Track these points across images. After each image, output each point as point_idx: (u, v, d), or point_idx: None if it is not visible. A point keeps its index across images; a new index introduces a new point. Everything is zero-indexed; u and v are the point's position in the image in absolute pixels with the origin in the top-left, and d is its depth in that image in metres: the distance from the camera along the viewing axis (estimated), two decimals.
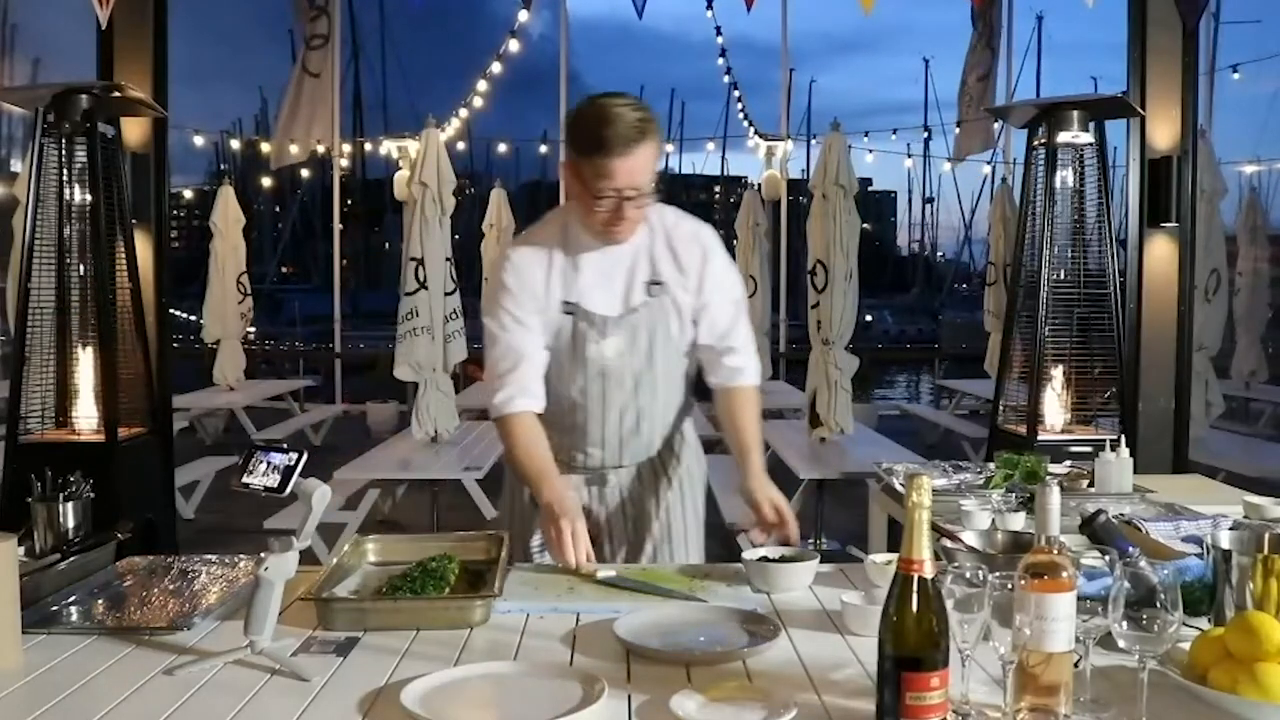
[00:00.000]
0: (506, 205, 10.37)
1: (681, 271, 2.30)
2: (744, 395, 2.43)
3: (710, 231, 2.37)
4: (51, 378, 4.56)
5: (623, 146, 2.10)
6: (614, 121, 2.10)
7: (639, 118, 2.12)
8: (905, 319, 37.32)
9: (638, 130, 2.11)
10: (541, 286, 2.27)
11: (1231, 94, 16.61)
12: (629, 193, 2.14)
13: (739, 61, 13.16)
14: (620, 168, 2.11)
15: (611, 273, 2.29)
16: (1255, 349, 9.56)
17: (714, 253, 2.34)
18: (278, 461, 1.81)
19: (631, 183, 2.13)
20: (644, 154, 2.13)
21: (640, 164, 2.12)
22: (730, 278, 2.39)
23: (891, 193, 57.85)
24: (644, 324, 2.30)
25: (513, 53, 11.07)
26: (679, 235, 2.31)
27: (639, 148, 2.11)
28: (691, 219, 2.37)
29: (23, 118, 13.68)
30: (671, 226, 2.32)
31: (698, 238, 2.33)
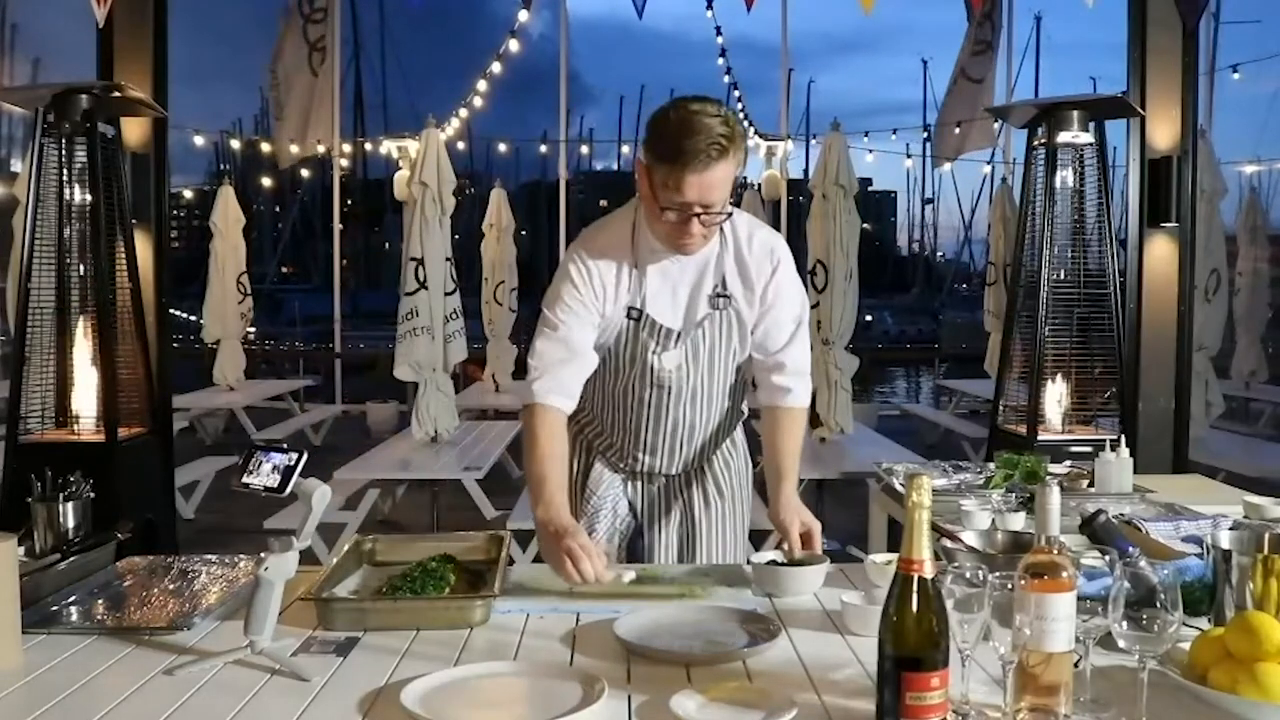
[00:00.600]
0: (506, 205, 10.37)
1: (748, 285, 2.22)
2: (789, 418, 2.34)
3: (783, 244, 2.28)
4: (51, 378, 4.56)
5: (701, 162, 1.98)
6: (696, 133, 1.98)
7: (723, 132, 1.99)
8: (905, 319, 37.30)
9: (719, 147, 1.98)
10: (609, 288, 2.19)
11: (1231, 94, 16.61)
12: (697, 209, 2.03)
13: (739, 61, 13.15)
14: (694, 183, 2.00)
15: (679, 281, 2.21)
16: (1255, 349, 9.57)
17: (784, 266, 2.25)
18: (278, 461, 1.81)
19: (704, 199, 2.02)
20: (721, 171, 2.01)
21: (716, 181, 2.01)
22: (795, 293, 2.28)
23: (891, 193, 57.82)
24: (705, 337, 2.24)
25: (513, 53, 11.07)
26: (752, 248, 2.21)
27: (718, 165, 2.00)
28: (766, 230, 2.27)
29: (23, 118, 13.68)
30: (745, 238, 2.21)
31: (770, 251, 2.23)
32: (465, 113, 11.40)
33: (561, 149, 13.90)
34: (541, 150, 20.31)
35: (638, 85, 71.10)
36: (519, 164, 33.11)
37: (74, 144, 4.50)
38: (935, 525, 1.86)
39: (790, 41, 13.36)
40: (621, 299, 2.20)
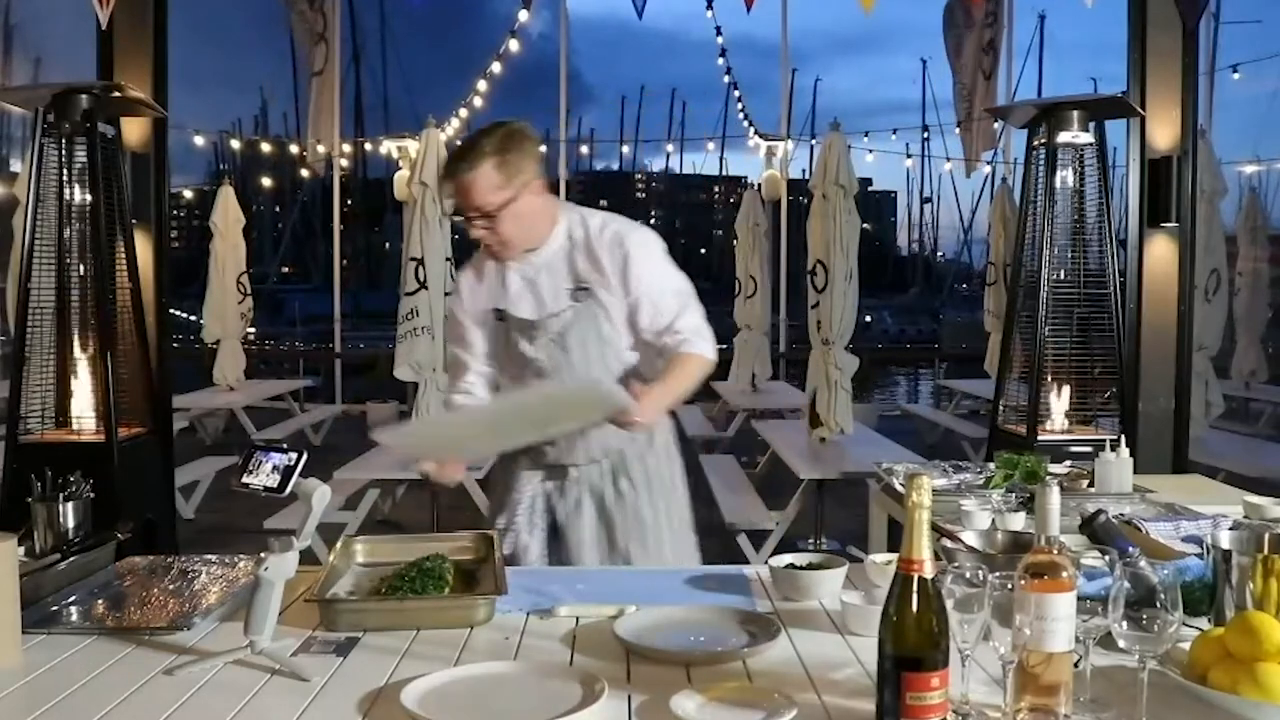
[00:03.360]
0: None
1: (603, 275, 2.41)
2: (679, 358, 2.44)
3: (637, 233, 2.46)
4: (51, 378, 4.56)
5: (451, 171, 2.35)
6: (458, 149, 2.38)
7: (475, 144, 2.34)
8: (905, 319, 37.31)
9: (467, 158, 2.32)
10: (475, 301, 2.53)
11: (1231, 94, 16.63)
12: (469, 213, 2.35)
13: (739, 61, 13.14)
14: (453, 190, 2.35)
15: (535, 279, 2.45)
16: (1255, 349, 9.56)
17: (637, 253, 2.42)
18: (278, 461, 1.81)
19: (468, 204, 2.34)
20: (472, 178, 2.31)
21: (468, 187, 2.32)
22: (659, 271, 2.45)
23: (891, 193, 57.85)
24: (571, 327, 2.42)
25: (513, 52, 11.07)
26: (599, 241, 2.42)
27: (468, 173, 2.31)
28: (619, 222, 2.47)
29: (23, 118, 13.68)
30: (594, 233, 2.43)
31: (618, 241, 2.42)
32: (465, 113, 11.39)
33: (561, 149, 13.89)
34: (541, 150, 20.33)
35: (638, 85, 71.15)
36: None
37: (74, 144, 4.50)
38: (935, 525, 1.86)
39: (790, 41, 13.37)
40: (486, 305, 2.51)
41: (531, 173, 2.38)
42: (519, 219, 2.37)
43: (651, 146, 79.84)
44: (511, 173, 2.34)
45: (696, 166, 58.65)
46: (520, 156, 2.36)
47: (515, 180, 2.34)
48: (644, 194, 55.72)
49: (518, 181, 2.35)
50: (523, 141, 2.38)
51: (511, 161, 2.34)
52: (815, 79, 44.32)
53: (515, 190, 2.34)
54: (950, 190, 49.46)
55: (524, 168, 2.36)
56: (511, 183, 2.34)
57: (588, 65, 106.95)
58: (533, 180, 2.38)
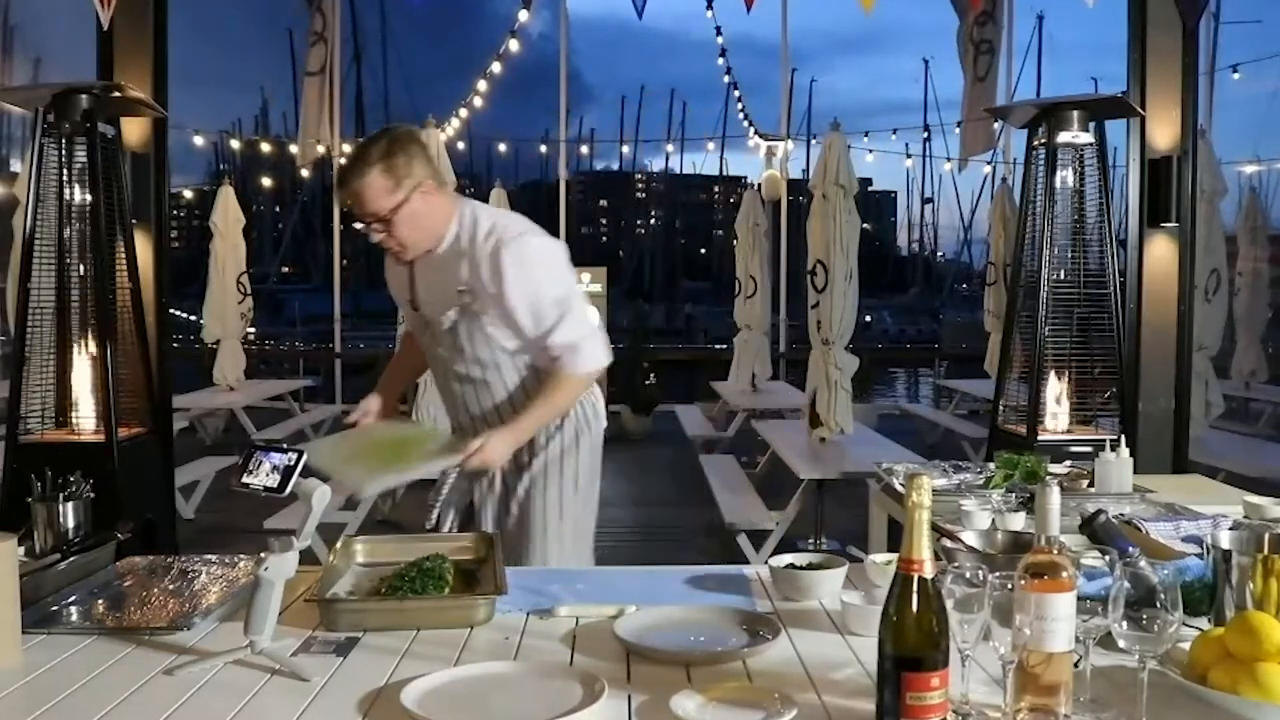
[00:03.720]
0: (506, 205, 10.37)
1: (480, 282, 2.48)
2: (551, 376, 2.56)
3: (516, 244, 2.47)
4: (51, 378, 4.55)
5: (341, 179, 2.45)
6: (347, 158, 2.49)
7: (358, 156, 2.42)
8: (905, 319, 37.33)
9: (349, 166, 2.42)
10: (395, 289, 2.73)
11: (1231, 94, 16.63)
12: (364, 219, 2.44)
13: (739, 61, 13.14)
14: (347, 198, 2.44)
15: (433, 281, 2.58)
16: (1255, 349, 9.56)
17: (510, 265, 2.45)
18: (278, 461, 1.81)
19: (362, 211, 2.43)
20: (362, 185, 2.39)
21: (356, 194, 2.40)
22: (536, 280, 2.48)
23: (891, 193, 57.87)
24: (459, 324, 2.53)
25: (513, 52, 11.08)
26: (480, 249, 2.48)
27: (356, 180, 2.39)
28: (505, 229, 2.50)
29: (23, 118, 13.68)
30: (478, 240, 2.49)
31: (495, 251, 2.46)
32: (465, 113, 11.40)
33: (561, 149, 13.87)
34: (541, 150, 20.34)
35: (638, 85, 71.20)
36: (519, 164, 33.20)
37: (74, 144, 4.50)
38: (935, 525, 1.86)
39: (790, 41, 13.36)
40: (402, 292, 2.68)
41: (422, 174, 2.43)
42: (413, 222, 2.44)
43: (651, 146, 79.80)
44: (400, 176, 2.40)
45: (696, 166, 58.68)
46: (407, 160, 2.42)
47: (405, 184, 2.40)
48: (644, 194, 55.70)
49: (407, 184, 2.40)
50: (409, 145, 2.44)
51: (398, 166, 2.40)
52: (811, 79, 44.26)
53: (405, 193, 2.40)
54: (950, 190, 49.55)
55: (412, 171, 2.42)
56: (401, 186, 2.40)
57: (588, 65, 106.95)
58: (424, 181, 2.43)
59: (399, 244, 2.48)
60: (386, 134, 2.47)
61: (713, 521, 6.59)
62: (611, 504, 8.17)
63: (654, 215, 53.78)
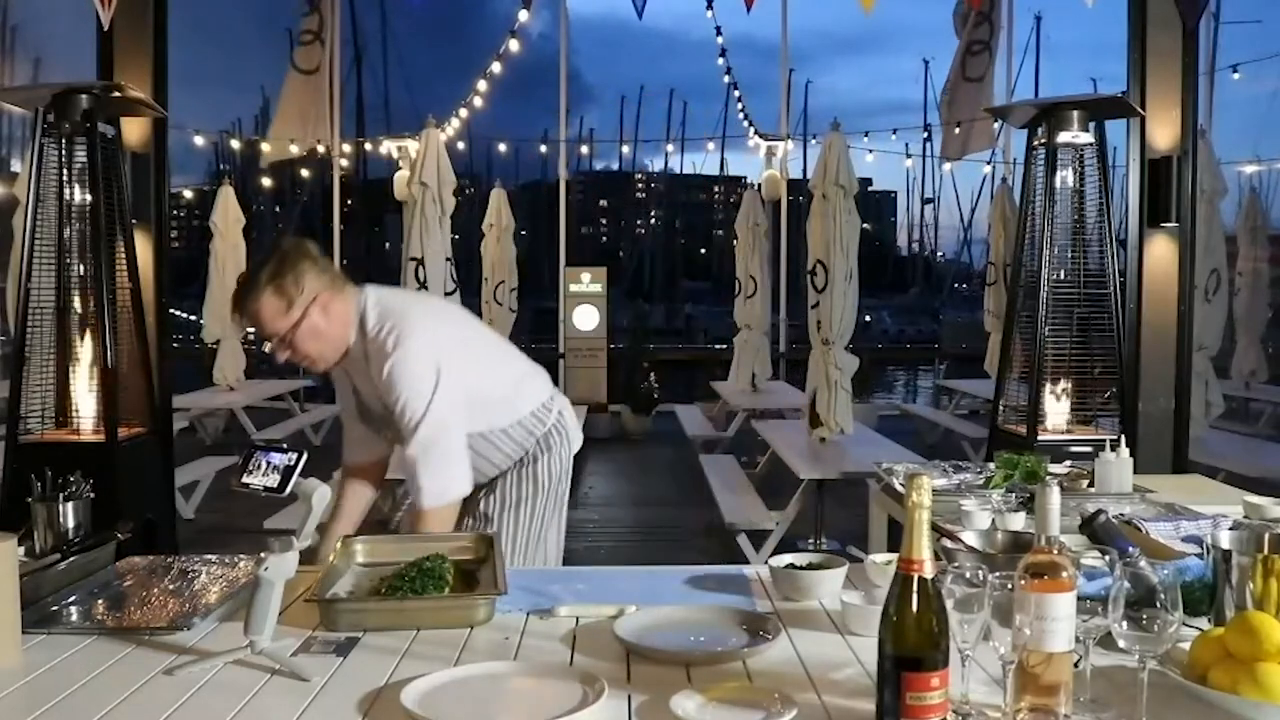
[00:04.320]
0: (506, 205, 10.37)
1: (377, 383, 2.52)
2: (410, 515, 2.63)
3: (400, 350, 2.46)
4: (51, 378, 4.55)
5: (237, 303, 2.45)
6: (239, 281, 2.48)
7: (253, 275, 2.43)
8: (905, 319, 37.35)
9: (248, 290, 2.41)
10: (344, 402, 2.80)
11: (1231, 94, 16.62)
12: (266, 338, 2.45)
13: (739, 61, 13.13)
14: (246, 321, 2.45)
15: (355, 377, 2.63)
16: (1255, 349, 9.57)
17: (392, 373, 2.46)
18: (278, 461, 1.82)
19: (261, 332, 2.45)
20: (256, 309, 2.40)
21: (255, 316, 2.41)
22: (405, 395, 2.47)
23: (891, 193, 57.88)
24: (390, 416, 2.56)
25: (513, 52, 11.06)
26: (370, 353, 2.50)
27: (251, 304, 2.40)
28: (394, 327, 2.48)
29: (23, 118, 13.67)
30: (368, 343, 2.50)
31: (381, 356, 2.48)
32: (465, 113, 11.38)
33: (561, 149, 13.88)
34: (541, 150, 20.32)
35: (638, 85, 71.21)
36: (519, 164, 33.21)
37: (74, 144, 4.50)
38: (935, 525, 1.86)
39: (790, 41, 13.36)
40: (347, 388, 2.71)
41: (315, 287, 2.41)
42: (314, 336, 2.44)
43: (651, 146, 79.86)
44: (291, 296, 2.39)
45: (696, 166, 58.71)
46: (296, 277, 2.40)
47: (298, 301, 2.39)
48: (644, 194, 55.71)
49: (301, 301, 2.39)
50: (299, 261, 2.42)
51: (288, 285, 2.39)
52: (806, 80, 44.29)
53: (301, 310, 2.39)
54: (950, 190, 49.50)
55: (304, 286, 2.40)
56: (295, 305, 2.39)
57: (588, 65, 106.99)
58: (319, 294, 2.41)
59: (306, 358, 2.48)
60: (276, 252, 2.46)
61: (713, 521, 6.59)
62: (611, 504, 8.18)
63: (654, 215, 53.77)
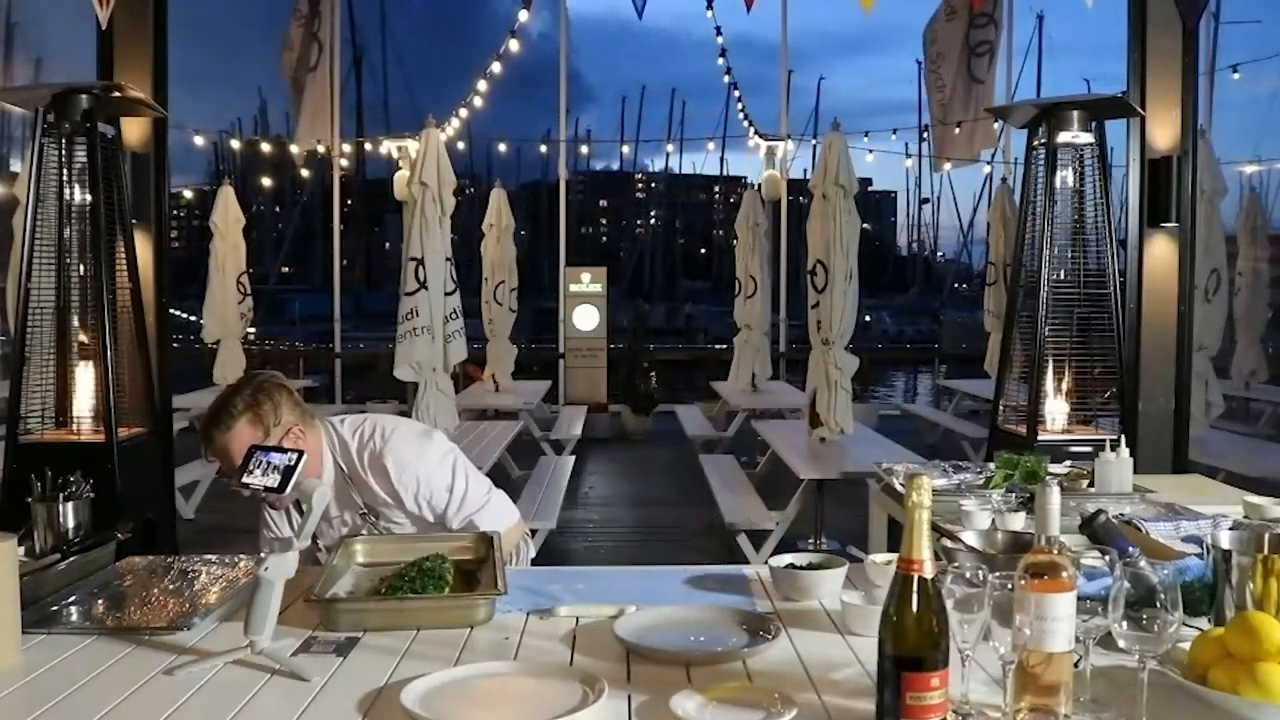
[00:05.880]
0: (506, 205, 10.36)
1: (378, 494, 2.47)
2: None
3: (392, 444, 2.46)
4: (51, 378, 4.55)
5: (208, 435, 2.36)
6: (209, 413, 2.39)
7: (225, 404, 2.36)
8: (905, 319, 37.35)
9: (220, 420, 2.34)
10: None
11: (1231, 94, 16.58)
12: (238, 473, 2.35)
13: (739, 61, 13.12)
14: (215, 453, 2.35)
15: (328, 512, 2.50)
16: (1255, 349, 9.56)
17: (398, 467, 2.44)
18: (278, 461, 1.82)
19: (230, 465, 2.30)
20: (227, 439, 2.32)
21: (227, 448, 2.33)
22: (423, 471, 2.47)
23: (891, 193, 57.86)
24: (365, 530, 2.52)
25: (513, 52, 11.05)
26: (362, 468, 2.46)
27: (224, 434, 2.33)
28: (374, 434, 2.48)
29: (23, 118, 13.67)
30: (355, 454, 2.46)
31: (376, 457, 2.45)
32: (465, 113, 11.37)
33: (561, 149, 13.89)
34: (541, 150, 20.33)
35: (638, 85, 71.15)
36: (519, 164, 33.19)
37: (74, 144, 4.49)
38: (935, 525, 1.86)
39: (790, 41, 13.36)
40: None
41: (290, 419, 2.39)
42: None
43: (651, 146, 79.90)
44: (269, 425, 2.36)
45: (696, 166, 58.63)
46: (274, 407, 2.37)
47: (274, 431, 2.35)
48: (644, 194, 55.70)
49: (277, 432, 2.35)
50: (273, 391, 2.38)
51: (266, 414, 2.36)
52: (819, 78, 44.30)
53: (277, 441, 2.33)
54: (950, 190, 49.49)
55: (280, 417, 2.37)
56: (271, 434, 2.34)
57: (588, 65, 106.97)
58: (293, 426, 2.38)
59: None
60: (250, 381, 2.43)
61: (713, 521, 6.59)
62: (611, 504, 8.19)
63: (654, 215, 53.75)
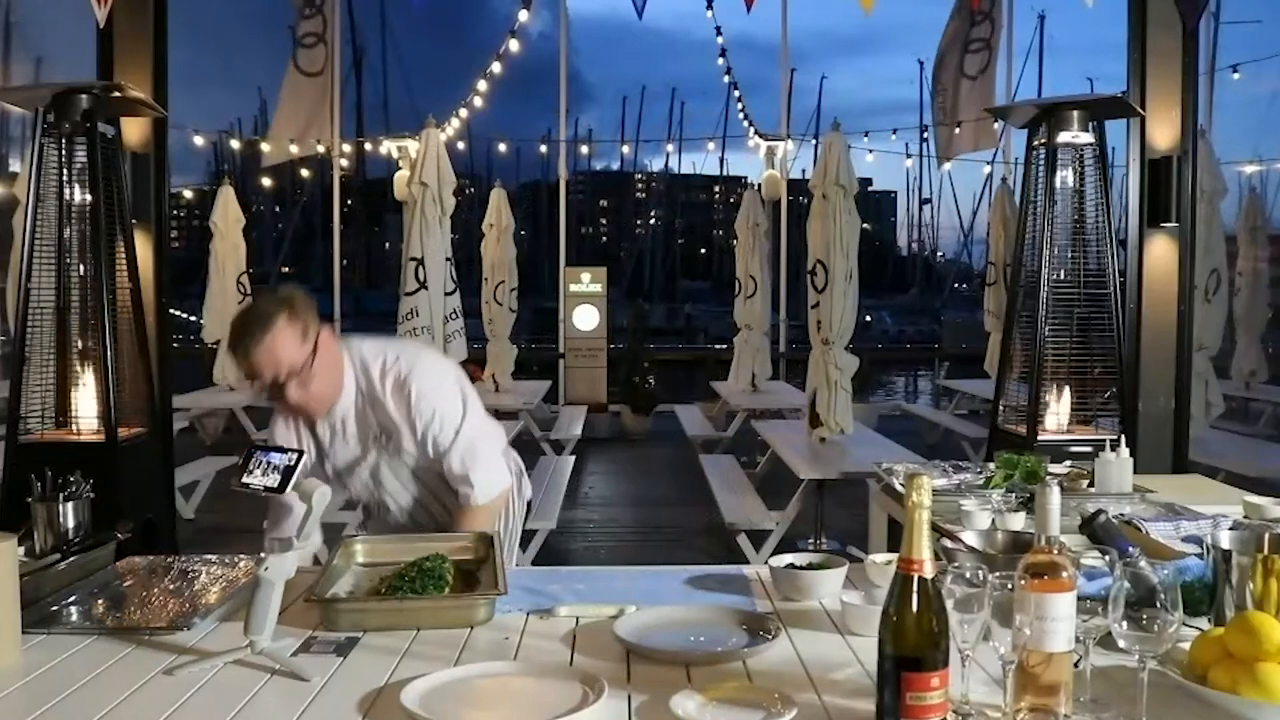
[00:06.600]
0: (506, 205, 10.37)
1: (395, 420, 2.49)
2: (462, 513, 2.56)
3: (418, 372, 2.50)
4: (51, 378, 4.55)
5: (247, 342, 2.30)
6: (238, 325, 2.36)
7: (258, 313, 2.34)
8: (905, 319, 37.37)
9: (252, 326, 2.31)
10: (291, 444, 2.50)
11: (1231, 94, 16.59)
12: (280, 378, 2.32)
13: (739, 61, 13.13)
14: (257, 359, 2.30)
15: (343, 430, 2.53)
16: (1255, 349, 9.56)
17: (419, 394, 2.47)
18: (278, 461, 1.82)
19: (276, 369, 2.31)
20: (270, 338, 2.29)
21: (271, 350, 2.30)
22: (440, 406, 2.50)
23: (891, 193, 57.88)
24: (380, 466, 2.56)
25: (513, 52, 11.06)
26: (386, 387, 2.48)
27: (265, 337, 2.29)
28: (399, 364, 2.51)
29: (23, 118, 13.67)
30: (377, 378, 2.49)
31: (399, 382, 2.48)
32: (465, 113, 11.38)
33: (561, 149, 13.88)
34: (541, 150, 20.34)
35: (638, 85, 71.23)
36: (519, 164, 33.21)
37: (74, 144, 4.49)
38: (935, 525, 1.86)
39: (790, 41, 13.36)
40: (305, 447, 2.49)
41: (317, 323, 2.41)
42: (325, 371, 2.40)
43: (651, 146, 79.92)
44: (305, 325, 2.37)
45: (696, 166, 58.70)
46: (305, 310, 2.39)
47: (310, 333, 2.37)
48: (644, 194, 55.72)
49: (312, 333, 2.37)
50: (303, 297, 2.42)
51: (301, 315, 2.37)
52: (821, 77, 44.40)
53: (313, 342, 2.36)
54: (950, 190, 49.51)
55: (311, 320, 2.39)
56: (309, 336, 2.36)
57: (588, 65, 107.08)
58: (320, 330, 2.41)
59: (314, 400, 2.41)
60: (270, 291, 2.46)
61: (713, 521, 6.59)
62: (611, 504, 8.18)
63: (654, 215, 53.77)
